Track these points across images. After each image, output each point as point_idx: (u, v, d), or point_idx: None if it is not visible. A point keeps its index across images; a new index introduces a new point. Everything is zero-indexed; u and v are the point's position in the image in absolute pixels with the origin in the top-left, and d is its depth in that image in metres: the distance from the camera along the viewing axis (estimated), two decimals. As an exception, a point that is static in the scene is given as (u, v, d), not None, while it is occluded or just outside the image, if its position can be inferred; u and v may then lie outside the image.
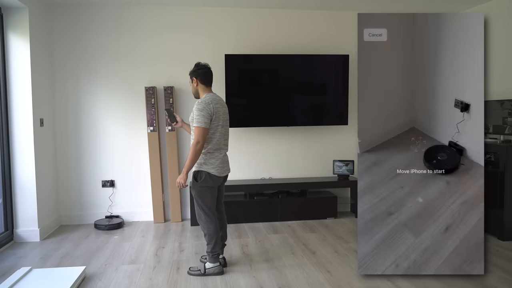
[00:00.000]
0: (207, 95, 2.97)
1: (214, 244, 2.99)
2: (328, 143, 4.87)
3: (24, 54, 3.80)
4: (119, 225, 4.33)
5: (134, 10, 4.45)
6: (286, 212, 4.50)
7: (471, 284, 2.78)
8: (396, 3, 4.44)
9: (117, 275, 3.06)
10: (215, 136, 2.93)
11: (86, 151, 4.49)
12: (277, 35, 4.69)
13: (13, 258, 3.45)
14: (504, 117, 3.94)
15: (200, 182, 2.94)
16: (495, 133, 4.03)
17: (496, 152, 3.74)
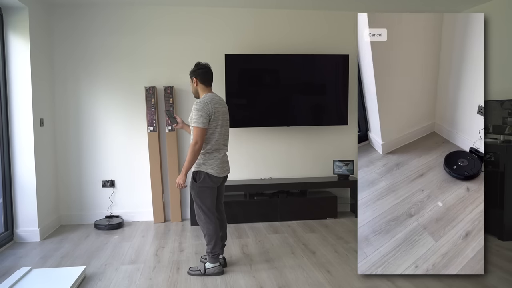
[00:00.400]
0: (206, 95, 2.97)
1: (214, 244, 2.99)
2: (328, 143, 4.87)
3: (24, 55, 3.80)
4: (119, 225, 4.33)
5: (134, 11, 4.45)
6: (286, 212, 4.50)
7: (471, 284, 2.78)
8: (396, 3, 4.44)
9: (117, 275, 3.06)
10: (214, 136, 2.92)
11: (86, 151, 4.49)
12: (277, 35, 4.69)
13: (13, 258, 3.45)
14: (504, 117, 3.94)
15: (199, 182, 2.93)
16: (495, 133, 4.03)
17: (496, 152, 3.73)
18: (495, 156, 3.74)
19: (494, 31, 4.18)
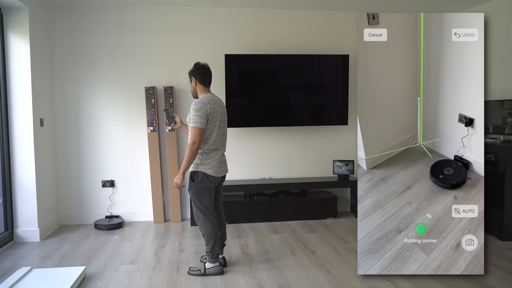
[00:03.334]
0: (204, 95, 2.97)
1: (213, 244, 2.99)
2: (328, 143, 4.87)
3: (24, 54, 3.80)
4: (119, 225, 4.33)
5: (134, 11, 4.45)
6: (286, 212, 4.49)
7: (471, 284, 2.78)
8: (395, 3, 4.44)
9: (117, 275, 3.06)
10: (211, 137, 2.92)
11: (86, 151, 4.49)
12: (277, 35, 4.69)
13: (13, 258, 3.45)
14: (504, 117, 3.94)
15: (196, 182, 2.93)
16: (495, 133, 4.03)
17: (496, 152, 3.73)
18: (495, 156, 3.74)
19: (494, 31, 4.18)
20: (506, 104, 3.91)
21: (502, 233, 3.70)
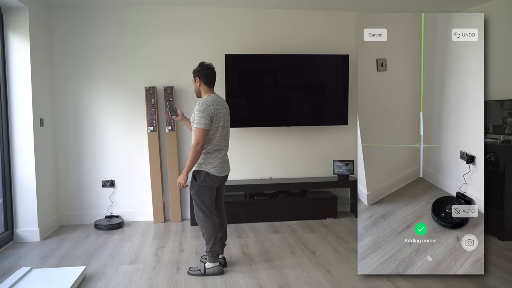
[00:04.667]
0: (208, 96, 2.98)
1: (213, 244, 2.99)
2: (328, 143, 4.87)
3: (24, 54, 3.80)
4: (119, 225, 4.33)
5: (134, 11, 4.45)
6: (286, 212, 4.49)
7: (471, 284, 2.78)
8: (395, 3, 4.44)
9: (117, 275, 3.06)
10: (215, 137, 2.94)
11: (86, 151, 4.49)
12: (277, 35, 4.68)
13: (13, 258, 3.45)
14: (504, 117, 3.93)
15: (199, 181, 2.95)
16: (495, 133, 4.03)
17: (496, 152, 3.73)
18: (495, 156, 3.74)
19: (494, 31, 4.18)
20: (506, 104, 3.91)
21: (502, 233, 3.70)
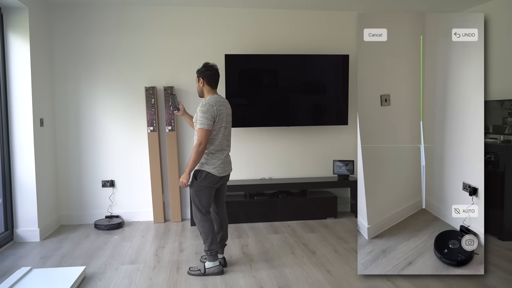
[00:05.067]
0: (211, 96, 2.99)
1: (211, 242, 3.00)
2: (328, 143, 4.87)
3: (24, 54, 3.80)
4: (119, 225, 4.33)
5: (134, 11, 4.45)
6: (286, 212, 4.49)
7: (471, 284, 2.77)
8: (395, 3, 4.43)
9: (117, 275, 3.06)
10: (217, 138, 2.95)
11: (86, 151, 4.49)
12: (277, 35, 4.68)
13: (13, 258, 3.45)
14: (504, 117, 3.94)
15: (199, 180, 2.96)
16: (495, 133, 4.03)
17: (496, 152, 3.73)
18: (495, 156, 3.74)
19: (494, 31, 4.18)
20: (506, 104, 3.91)
21: (502, 233, 3.70)
